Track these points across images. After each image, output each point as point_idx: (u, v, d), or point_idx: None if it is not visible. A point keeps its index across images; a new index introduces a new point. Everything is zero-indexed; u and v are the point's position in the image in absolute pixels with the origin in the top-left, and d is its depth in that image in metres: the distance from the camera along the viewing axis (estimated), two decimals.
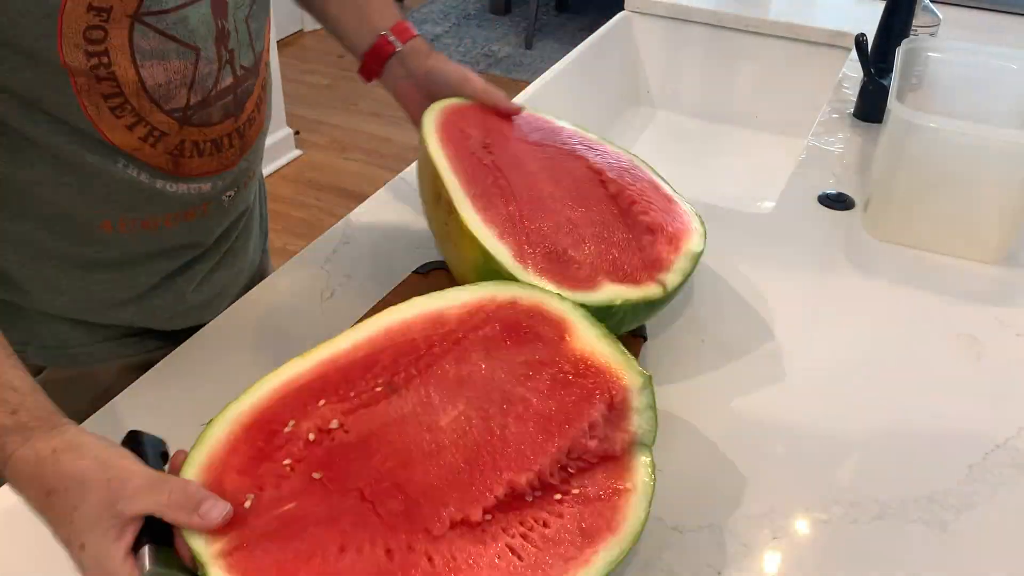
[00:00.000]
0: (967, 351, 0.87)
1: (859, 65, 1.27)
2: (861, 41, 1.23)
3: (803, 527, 0.70)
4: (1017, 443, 0.77)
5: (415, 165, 1.14)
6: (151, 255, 0.85)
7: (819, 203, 1.11)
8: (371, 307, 0.89)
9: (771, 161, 1.58)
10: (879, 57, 1.27)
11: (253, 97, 0.84)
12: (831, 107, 1.34)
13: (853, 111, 1.31)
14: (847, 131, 1.28)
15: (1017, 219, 0.97)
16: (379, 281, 0.93)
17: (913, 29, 1.29)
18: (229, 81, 0.79)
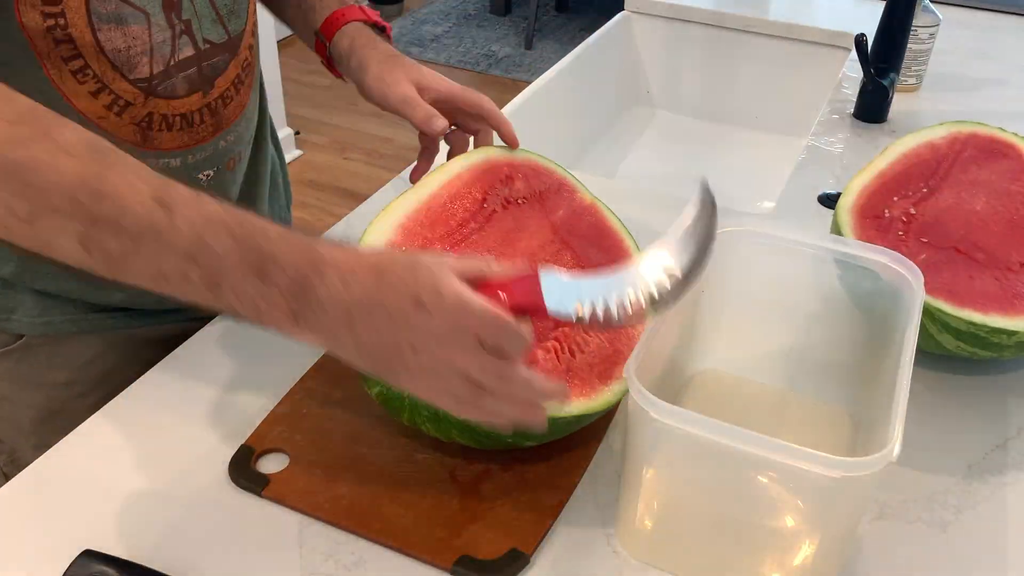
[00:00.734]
0: None
1: (859, 65, 1.27)
2: (861, 41, 1.23)
3: None
4: (1017, 443, 0.77)
5: (414, 164, 1.14)
6: None
7: (819, 203, 1.11)
8: None
9: (771, 161, 1.58)
10: (879, 57, 1.27)
11: (227, 75, 0.84)
12: (831, 107, 1.34)
13: (853, 111, 1.31)
14: (847, 131, 1.28)
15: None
16: None
17: (913, 29, 1.29)
18: (189, 52, 0.79)
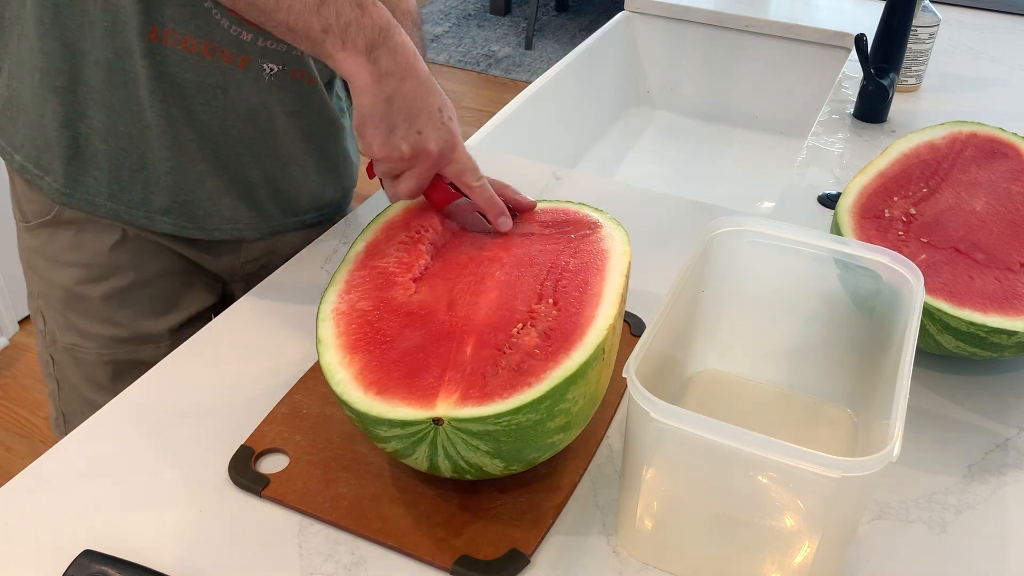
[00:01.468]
0: None
1: (859, 65, 1.27)
2: (861, 41, 1.23)
3: None
4: (1017, 443, 0.77)
5: None
6: (187, 93, 0.87)
7: (819, 203, 1.11)
8: None
9: (771, 161, 1.58)
10: (879, 57, 1.27)
11: None
12: (831, 107, 1.34)
13: (853, 111, 1.31)
14: (847, 131, 1.28)
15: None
16: None
17: (913, 29, 1.29)
18: None
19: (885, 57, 1.27)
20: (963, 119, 0.97)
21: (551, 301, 0.70)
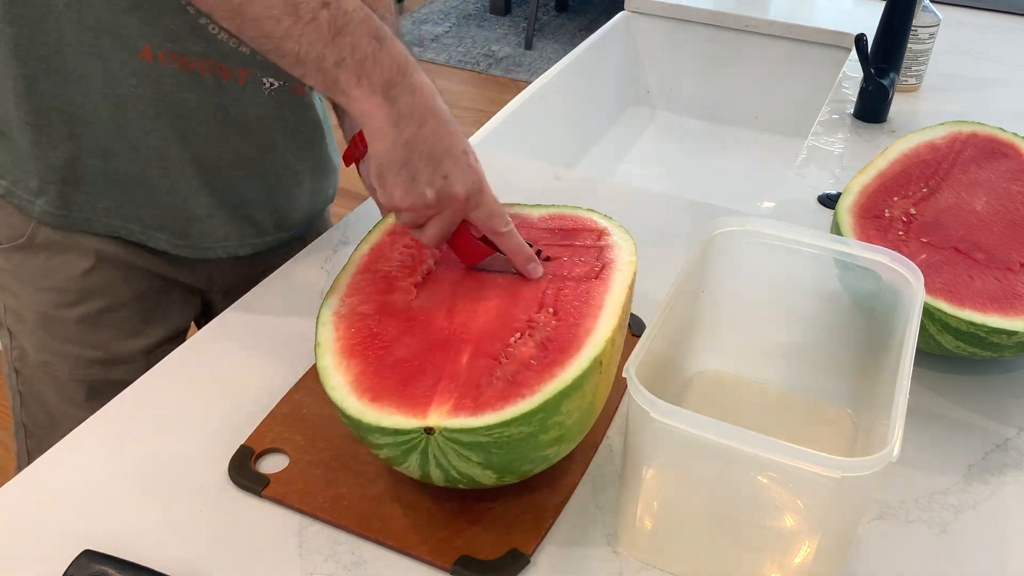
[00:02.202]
0: None
1: (859, 65, 1.27)
2: (861, 41, 1.23)
3: None
4: (1017, 443, 0.77)
5: None
6: (183, 114, 0.86)
7: (819, 203, 1.11)
8: None
9: (771, 161, 1.58)
10: (879, 57, 1.27)
11: None
12: (831, 107, 1.34)
13: (853, 111, 1.31)
14: (847, 131, 1.28)
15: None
16: None
17: (913, 29, 1.29)
18: None
19: (885, 57, 1.27)
20: (963, 119, 0.97)
21: (551, 310, 0.69)
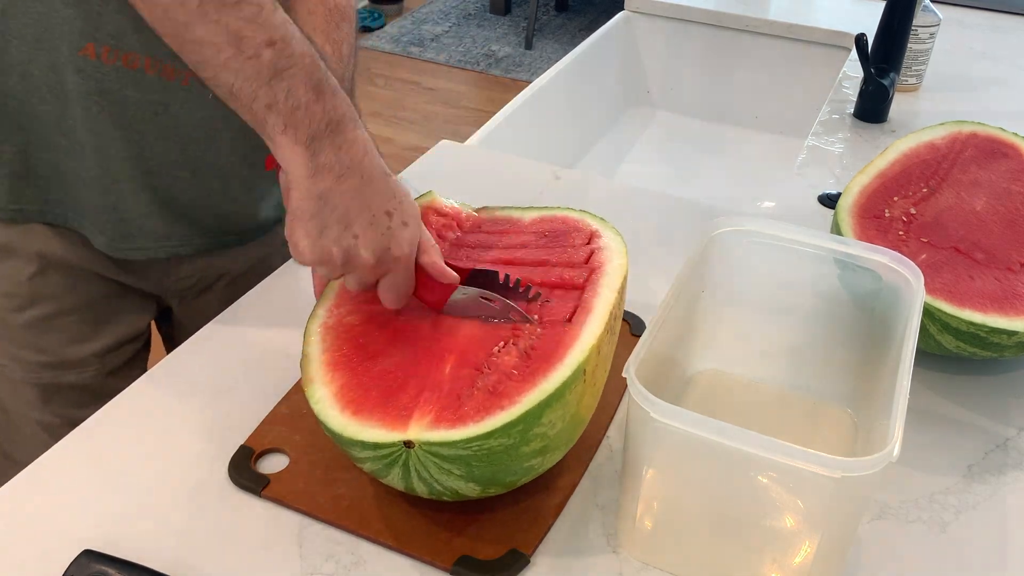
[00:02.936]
0: None
1: (859, 65, 1.27)
2: (861, 41, 1.23)
3: None
4: (1017, 443, 0.77)
5: (415, 166, 1.14)
6: (125, 111, 0.84)
7: (819, 203, 1.11)
8: None
9: (771, 161, 1.58)
10: (879, 57, 1.27)
11: None
12: (831, 107, 1.34)
13: (853, 111, 1.31)
14: (847, 131, 1.28)
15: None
16: None
17: (913, 29, 1.29)
18: None
19: (885, 57, 1.27)
20: (963, 119, 0.97)
21: (536, 317, 0.68)
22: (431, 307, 0.70)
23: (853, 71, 1.42)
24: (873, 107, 1.29)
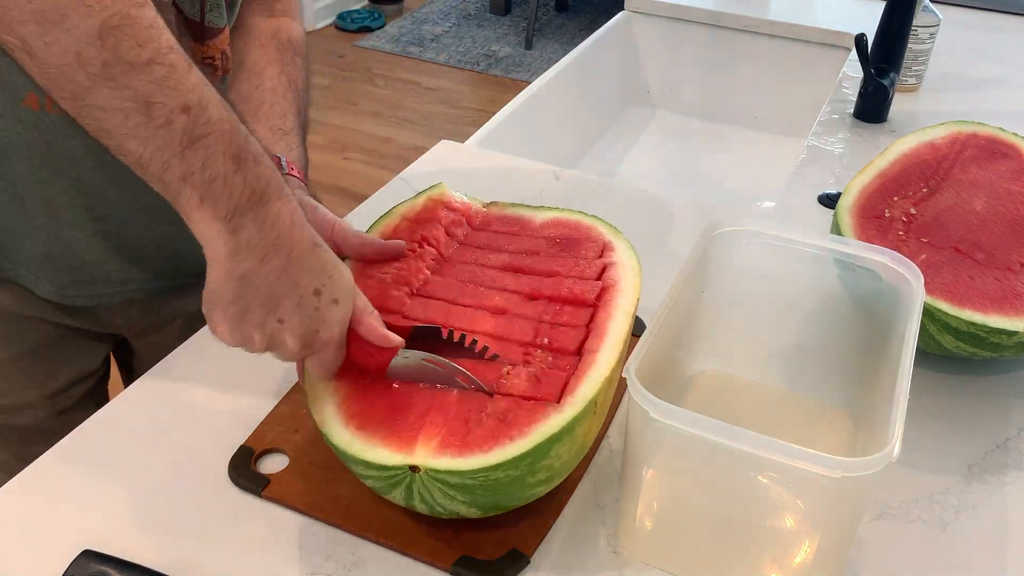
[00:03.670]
0: None
1: (859, 65, 1.27)
2: (861, 41, 1.23)
3: None
4: (1017, 443, 0.77)
5: (415, 166, 1.14)
6: (71, 161, 0.81)
7: (819, 203, 1.11)
8: None
9: (771, 161, 1.58)
10: (879, 57, 1.27)
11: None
12: (831, 107, 1.34)
13: (853, 111, 1.31)
14: (847, 131, 1.28)
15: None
16: None
17: (913, 29, 1.29)
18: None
19: (885, 57, 1.27)
20: (963, 119, 0.97)
21: (546, 340, 0.67)
22: (372, 373, 0.65)
23: (853, 71, 1.42)
24: (873, 107, 1.29)
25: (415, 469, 0.58)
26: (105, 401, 0.79)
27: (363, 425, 0.61)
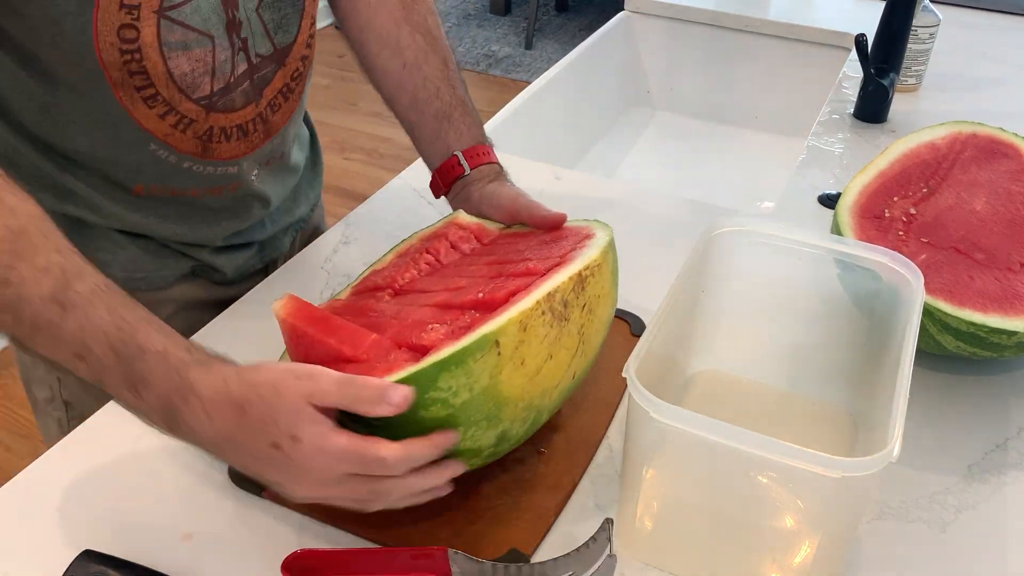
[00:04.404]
0: None
1: (859, 65, 1.27)
2: (861, 41, 1.23)
3: None
4: (1017, 443, 0.77)
5: (415, 166, 1.14)
6: (184, 216, 0.89)
7: (819, 203, 1.11)
8: None
9: (771, 161, 1.58)
10: (879, 57, 1.27)
11: (274, 85, 0.86)
12: (831, 107, 1.34)
13: (853, 111, 1.31)
14: (847, 131, 1.28)
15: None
16: None
17: (913, 29, 1.29)
18: (244, 68, 0.82)
19: (885, 57, 1.27)
20: (963, 119, 0.97)
21: (481, 297, 0.66)
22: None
23: (853, 71, 1.42)
24: (873, 107, 1.29)
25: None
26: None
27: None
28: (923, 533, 0.69)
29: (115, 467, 0.72)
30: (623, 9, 1.71)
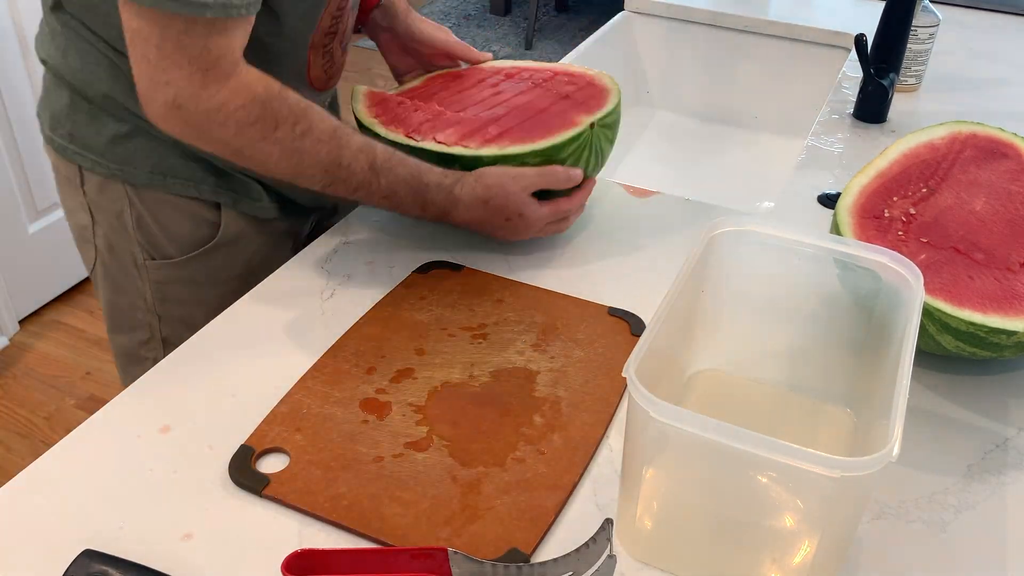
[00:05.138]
0: None
1: (859, 65, 1.27)
2: (861, 41, 1.23)
3: None
4: (1017, 443, 0.77)
5: None
6: None
7: (819, 203, 1.11)
8: (372, 306, 0.89)
9: (771, 161, 1.58)
10: (879, 57, 1.27)
11: (347, 33, 1.03)
12: (831, 107, 1.34)
13: (853, 111, 1.31)
14: (847, 131, 1.28)
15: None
16: (379, 281, 0.94)
17: (913, 29, 1.29)
18: (352, 21, 1.01)
19: (885, 57, 1.27)
20: (963, 119, 0.97)
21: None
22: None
23: (853, 71, 1.42)
24: (873, 107, 1.29)
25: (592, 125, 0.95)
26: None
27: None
28: (922, 533, 0.69)
29: (115, 467, 0.72)
30: (623, 9, 1.71)
